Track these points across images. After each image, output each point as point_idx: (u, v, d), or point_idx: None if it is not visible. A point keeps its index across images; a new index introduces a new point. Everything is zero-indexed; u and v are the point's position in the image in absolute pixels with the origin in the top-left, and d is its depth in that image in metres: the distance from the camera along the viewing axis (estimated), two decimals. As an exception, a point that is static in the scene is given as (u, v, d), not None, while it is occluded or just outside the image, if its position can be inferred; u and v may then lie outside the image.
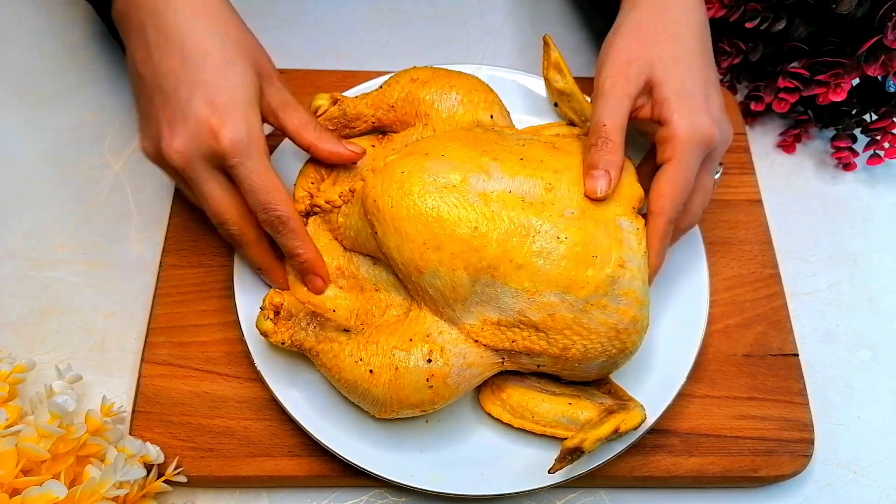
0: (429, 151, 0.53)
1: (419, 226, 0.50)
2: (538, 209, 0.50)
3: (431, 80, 0.59)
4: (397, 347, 0.50)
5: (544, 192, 0.51)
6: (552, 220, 0.50)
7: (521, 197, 0.51)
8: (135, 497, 0.50)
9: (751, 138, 0.72)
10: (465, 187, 0.51)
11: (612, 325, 0.50)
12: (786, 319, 0.61)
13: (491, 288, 0.50)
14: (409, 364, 0.50)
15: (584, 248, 0.50)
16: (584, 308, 0.49)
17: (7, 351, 0.56)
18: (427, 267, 0.50)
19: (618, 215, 0.52)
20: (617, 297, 0.50)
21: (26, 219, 0.64)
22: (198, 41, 0.50)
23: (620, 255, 0.50)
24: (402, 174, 0.51)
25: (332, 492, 0.55)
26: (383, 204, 0.51)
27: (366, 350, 0.51)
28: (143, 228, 0.64)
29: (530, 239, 0.49)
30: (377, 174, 0.53)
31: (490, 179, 0.51)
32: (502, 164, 0.52)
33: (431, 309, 0.52)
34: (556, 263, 0.49)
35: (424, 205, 0.50)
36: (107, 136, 0.69)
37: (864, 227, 0.69)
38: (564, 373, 0.53)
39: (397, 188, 0.51)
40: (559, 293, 0.49)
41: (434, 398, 0.50)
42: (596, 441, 0.48)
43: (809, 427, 0.57)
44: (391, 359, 0.50)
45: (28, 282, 0.62)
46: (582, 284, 0.49)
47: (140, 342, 0.58)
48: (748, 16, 0.67)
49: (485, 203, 0.50)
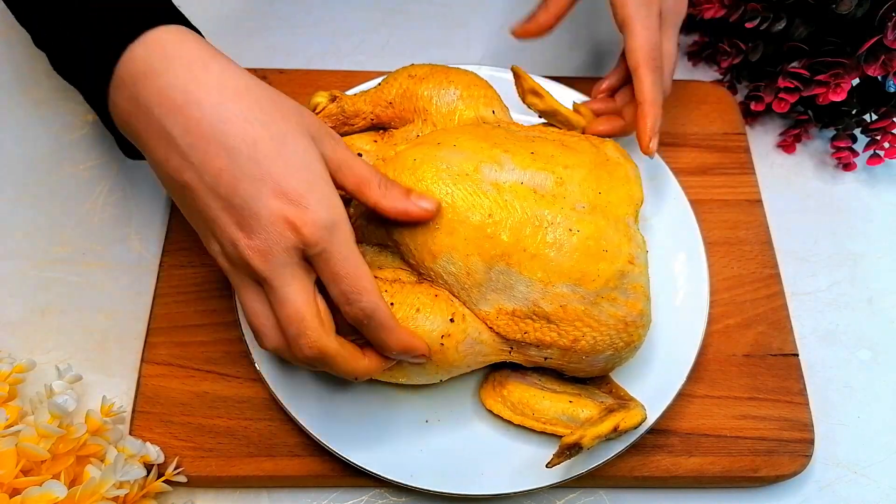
0: (441, 142, 0.53)
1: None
2: (549, 201, 0.51)
3: (429, 76, 0.59)
4: (421, 300, 0.50)
5: (555, 186, 0.51)
6: (564, 213, 0.50)
7: (532, 189, 0.51)
8: (135, 497, 0.50)
9: (751, 138, 0.72)
10: (478, 176, 0.51)
11: (622, 318, 0.50)
12: (786, 319, 0.61)
13: (506, 276, 0.50)
14: (430, 314, 0.49)
15: (596, 242, 0.50)
16: (594, 300, 0.50)
17: (7, 351, 0.56)
18: (441, 251, 0.50)
19: (627, 215, 0.52)
20: (626, 290, 0.50)
21: (26, 219, 0.65)
22: (238, 130, 0.42)
23: (630, 252, 0.51)
24: (415, 161, 0.51)
25: (333, 492, 0.55)
26: None
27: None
28: (143, 228, 0.64)
29: (543, 230, 0.50)
30: (388, 163, 0.53)
31: (502, 170, 0.51)
32: (513, 157, 0.52)
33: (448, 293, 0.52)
34: (568, 255, 0.50)
35: (438, 190, 0.50)
36: (107, 136, 0.69)
37: (864, 227, 0.69)
38: (570, 366, 0.53)
39: (410, 174, 0.51)
40: (571, 285, 0.49)
41: (439, 360, 0.49)
42: (595, 438, 0.48)
43: (809, 427, 0.57)
44: (415, 301, 0.49)
45: (28, 282, 0.62)
46: (593, 277, 0.49)
47: (140, 342, 0.58)
48: (748, 16, 0.67)
49: (498, 192, 0.50)
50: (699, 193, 0.66)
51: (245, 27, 0.78)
